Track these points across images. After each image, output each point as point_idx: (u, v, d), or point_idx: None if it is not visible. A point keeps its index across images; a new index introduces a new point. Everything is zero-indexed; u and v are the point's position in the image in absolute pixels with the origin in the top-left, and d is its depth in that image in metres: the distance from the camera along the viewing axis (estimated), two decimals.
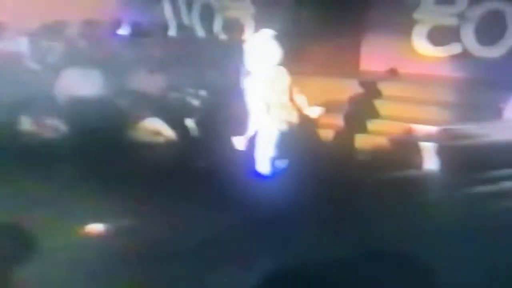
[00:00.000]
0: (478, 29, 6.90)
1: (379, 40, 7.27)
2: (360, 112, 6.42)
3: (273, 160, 4.46)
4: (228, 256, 3.79)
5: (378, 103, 6.53)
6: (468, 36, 7.00)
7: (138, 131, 6.34)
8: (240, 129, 5.15)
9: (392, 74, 7.14)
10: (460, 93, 6.52)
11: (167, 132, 6.36)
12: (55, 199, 4.55)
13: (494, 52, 6.84)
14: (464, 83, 6.71)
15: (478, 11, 6.88)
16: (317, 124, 5.80)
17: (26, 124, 6.28)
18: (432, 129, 6.05)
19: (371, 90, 6.66)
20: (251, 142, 4.58)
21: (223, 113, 5.81)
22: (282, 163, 4.50)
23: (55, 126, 6.20)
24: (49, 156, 5.53)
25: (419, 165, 5.74)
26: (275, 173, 4.44)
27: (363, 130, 6.28)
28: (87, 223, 4.17)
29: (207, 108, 6.51)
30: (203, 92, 6.73)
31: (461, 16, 6.98)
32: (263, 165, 4.47)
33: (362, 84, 6.74)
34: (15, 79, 6.23)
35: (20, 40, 7.20)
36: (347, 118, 6.45)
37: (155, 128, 6.38)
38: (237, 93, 4.65)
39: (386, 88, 6.70)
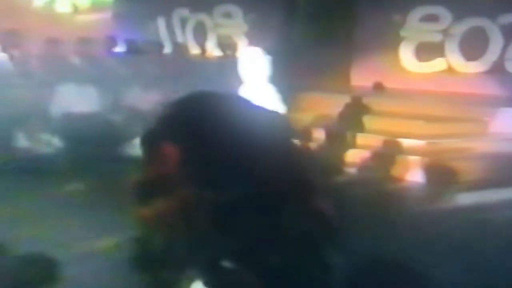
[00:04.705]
0: (462, 45, 7.13)
1: (369, 57, 7.46)
2: (349, 126, 6.56)
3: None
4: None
5: (367, 118, 6.68)
6: (453, 52, 7.22)
7: (133, 147, 6.47)
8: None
9: (379, 88, 7.29)
10: (446, 107, 6.70)
11: None
12: (51, 214, 4.63)
13: (477, 67, 7.06)
14: (450, 98, 6.89)
15: (462, 28, 7.11)
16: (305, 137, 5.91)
17: (21, 139, 6.38)
18: (419, 143, 6.20)
19: (360, 105, 6.81)
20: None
21: None
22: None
23: (49, 142, 6.31)
24: (44, 171, 5.60)
25: (406, 179, 5.88)
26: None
27: (352, 144, 6.41)
28: (83, 238, 4.24)
29: None
30: None
31: (445, 33, 7.20)
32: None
33: (352, 99, 6.90)
34: (9, 95, 6.32)
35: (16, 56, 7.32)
36: (336, 133, 6.60)
37: None
38: None
39: (374, 103, 6.87)
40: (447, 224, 4.64)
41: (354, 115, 6.63)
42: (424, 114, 6.56)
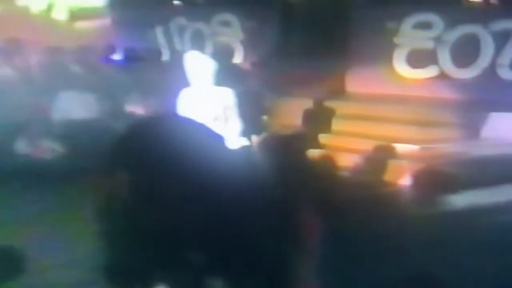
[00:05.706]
0: (454, 52, 7.23)
1: (363, 63, 7.58)
2: (315, 130, 6.63)
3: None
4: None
5: (363, 123, 6.80)
6: (445, 58, 7.33)
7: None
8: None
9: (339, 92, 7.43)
10: (439, 113, 6.81)
11: None
12: (52, 220, 4.71)
13: (469, 73, 7.16)
14: (442, 104, 7.00)
15: (454, 35, 7.23)
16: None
17: (22, 146, 6.48)
18: (412, 148, 6.30)
19: (322, 108, 6.94)
20: None
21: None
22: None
23: (50, 148, 6.41)
24: (45, 177, 5.67)
25: (399, 184, 5.99)
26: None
27: (350, 148, 6.51)
28: (84, 242, 4.31)
29: None
30: None
31: (438, 40, 7.32)
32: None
33: (350, 104, 7.03)
34: (10, 102, 6.40)
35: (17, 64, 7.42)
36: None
37: None
38: None
39: (370, 108, 6.99)
40: (439, 229, 4.73)
41: (317, 119, 6.71)
42: (417, 120, 6.67)
